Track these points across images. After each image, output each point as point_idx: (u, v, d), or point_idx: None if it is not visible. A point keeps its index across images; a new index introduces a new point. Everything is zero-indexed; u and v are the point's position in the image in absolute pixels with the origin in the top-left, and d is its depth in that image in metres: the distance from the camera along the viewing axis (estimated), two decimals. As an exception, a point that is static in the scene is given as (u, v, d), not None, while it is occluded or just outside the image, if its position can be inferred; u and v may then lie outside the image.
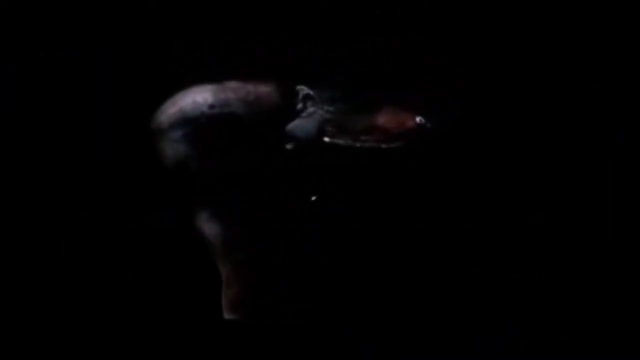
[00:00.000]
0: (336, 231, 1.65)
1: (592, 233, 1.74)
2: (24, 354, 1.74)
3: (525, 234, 1.73)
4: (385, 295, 1.70)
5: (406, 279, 1.70)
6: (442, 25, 1.68)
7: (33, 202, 1.75)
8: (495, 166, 1.72)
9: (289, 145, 1.62)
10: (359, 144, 1.62)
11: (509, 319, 1.73)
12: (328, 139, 1.62)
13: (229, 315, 1.65)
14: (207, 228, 1.64)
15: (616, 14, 1.71)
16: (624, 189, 1.74)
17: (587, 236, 1.74)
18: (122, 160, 1.72)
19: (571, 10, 1.71)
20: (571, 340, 1.72)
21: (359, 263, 1.68)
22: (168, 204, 1.69)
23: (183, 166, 1.63)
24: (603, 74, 1.72)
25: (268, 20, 1.67)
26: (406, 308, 1.71)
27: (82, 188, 1.74)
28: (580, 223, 1.74)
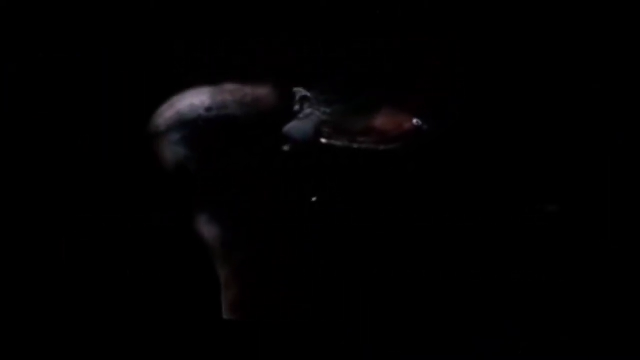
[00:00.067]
0: (334, 232, 1.65)
1: (592, 233, 1.74)
2: (24, 354, 1.74)
3: (524, 235, 1.73)
4: (385, 296, 1.70)
5: (405, 280, 1.71)
6: (442, 25, 1.68)
7: (31, 203, 1.76)
8: (493, 167, 1.72)
9: (286, 147, 1.62)
10: (356, 145, 1.62)
11: (509, 319, 1.73)
12: (325, 140, 1.62)
13: (229, 317, 1.65)
14: (206, 230, 1.64)
15: (616, 14, 1.71)
16: (624, 189, 1.74)
17: (587, 236, 1.74)
18: (122, 161, 1.73)
19: (571, 10, 1.71)
20: (571, 340, 1.72)
21: (357, 264, 1.68)
22: (168, 205, 1.69)
23: (183, 169, 1.63)
24: (603, 74, 1.72)
25: (268, 20, 1.68)
26: (406, 308, 1.71)
27: (82, 190, 1.74)
28: (580, 223, 1.74)
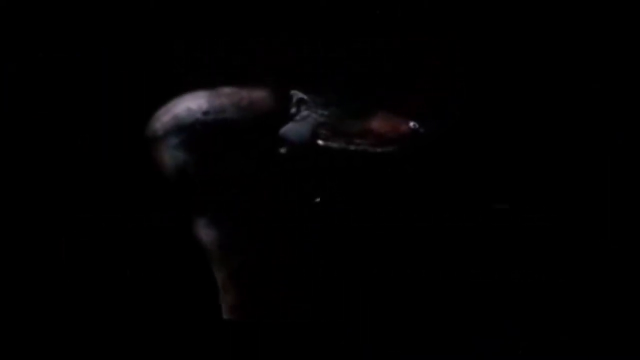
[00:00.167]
0: (332, 234, 1.65)
1: (592, 233, 1.74)
2: (24, 354, 1.74)
3: (522, 235, 1.73)
4: (384, 296, 1.70)
5: (404, 280, 1.71)
6: (442, 25, 1.68)
7: (30, 204, 1.76)
8: (492, 167, 1.72)
9: (283, 149, 1.62)
10: (352, 147, 1.61)
11: (509, 319, 1.73)
12: (322, 142, 1.62)
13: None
14: (204, 233, 1.64)
15: (616, 14, 1.71)
16: (624, 189, 1.74)
17: (587, 236, 1.74)
18: (120, 163, 1.72)
19: (571, 10, 1.71)
20: (571, 340, 1.72)
21: (355, 265, 1.68)
22: (167, 207, 1.69)
23: (181, 172, 1.63)
24: (603, 74, 1.72)
25: (267, 20, 1.67)
26: (406, 308, 1.71)
27: (81, 191, 1.74)
28: (580, 223, 1.74)
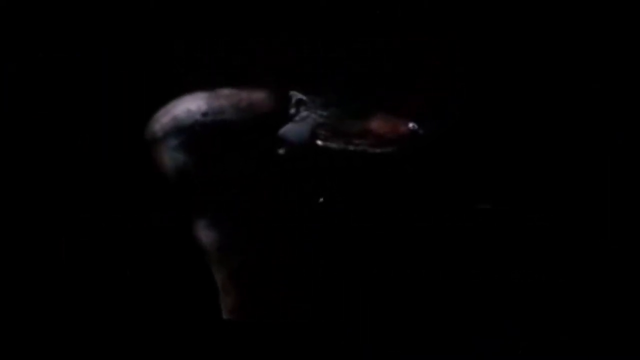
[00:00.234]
0: (331, 234, 1.65)
1: (592, 233, 1.74)
2: (24, 354, 1.74)
3: (522, 235, 1.73)
4: (384, 296, 1.70)
5: (404, 280, 1.71)
6: (442, 25, 1.68)
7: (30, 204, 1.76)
8: (491, 168, 1.72)
9: (282, 150, 1.62)
10: (352, 148, 1.61)
11: (509, 319, 1.73)
12: (321, 142, 1.62)
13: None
14: (204, 235, 1.64)
15: (616, 14, 1.71)
16: (624, 189, 1.74)
17: (587, 236, 1.74)
18: (119, 163, 1.73)
19: (571, 10, 1.71)
20: (571, 340, 1.72)
21: (355, 265, 1.68)
22: (167, 208, 1.69)
23: (181, 174, 1.63)
24: (603, 74, 1.72)
25: (267, 20, 1.67)
26: (405, 308, 1.71)
27: (81, 192, 1.74)
28: (580, 223, 1.74)
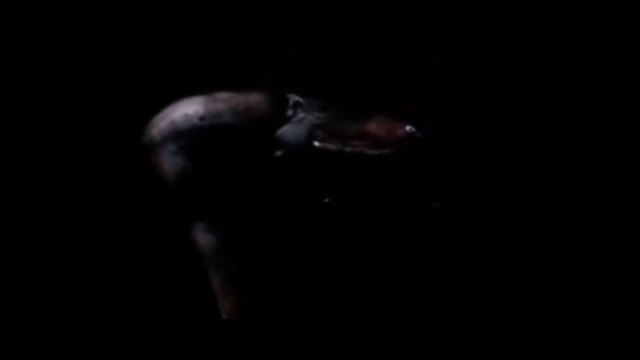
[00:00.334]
0: (329, 236, 1.65)
1: (592, 233, 1.74)
2: (24, 354, 1.74)
3: (522, 235, 1.73)
4: (384, 297, 1.70)
5: (404, 280, 1.71)
6: (442, 25, 1.68)
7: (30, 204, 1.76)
8: (491, 168, 1.72)
9: (279, 152, 1.62)
10: (349, 149, 1.61)
11: (509, 319, 1.73)
12: (318, 144, 1.62)
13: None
14: (202, 238, 1.64)
15: (616, 14, 1.71)
16: (624, 189, 1.73)
17: (587, 236, 1.74)
18: (118, 165, 1.73)
19: (570, 11, 1.71)
20: (571, 340, 1.72)
21: (353, 265, 1.68)
22: (166, 209, 1.69)
23: (180, 178, 1.64)
24: (603, 74, 1.72)
25: (267, 20, 1.68)
26: (405, 308, 1.71)
27: (81, 194, 1.74)
28: (580, 223, 1.74)
